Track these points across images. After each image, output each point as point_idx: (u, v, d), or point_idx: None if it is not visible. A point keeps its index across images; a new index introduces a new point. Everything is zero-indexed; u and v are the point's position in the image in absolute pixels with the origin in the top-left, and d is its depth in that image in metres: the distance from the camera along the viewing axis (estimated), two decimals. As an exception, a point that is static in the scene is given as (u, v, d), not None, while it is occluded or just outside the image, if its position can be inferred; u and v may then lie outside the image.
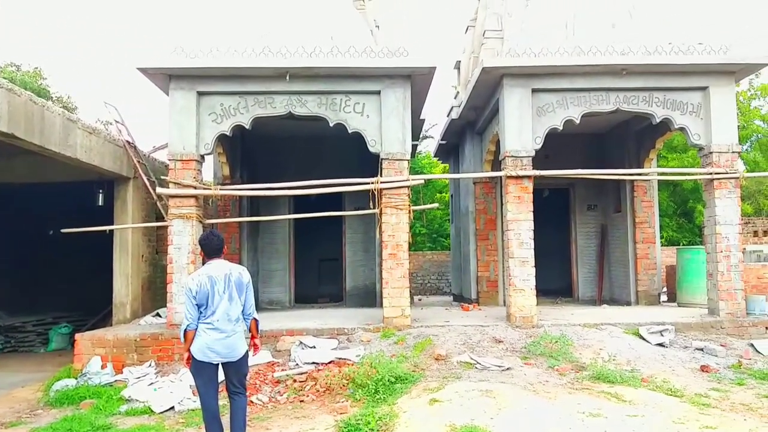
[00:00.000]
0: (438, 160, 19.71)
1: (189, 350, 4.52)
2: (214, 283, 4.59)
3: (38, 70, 19.87)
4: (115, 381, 7.45)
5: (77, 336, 8.23)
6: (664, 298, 12.06)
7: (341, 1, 9.54)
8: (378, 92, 8.75)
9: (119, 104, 10.52)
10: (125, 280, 10.16)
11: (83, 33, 54.79)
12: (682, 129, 9.17)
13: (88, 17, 56.39)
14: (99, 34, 55.09)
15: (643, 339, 8.01)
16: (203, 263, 4.81)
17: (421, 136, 16.50)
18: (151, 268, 10.79)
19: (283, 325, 8.68)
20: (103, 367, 7.77)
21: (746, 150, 21.06)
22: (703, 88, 9.09)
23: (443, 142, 14.02)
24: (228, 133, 8.75)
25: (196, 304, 4.54)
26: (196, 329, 4.53)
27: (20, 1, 47.86)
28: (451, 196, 15.22)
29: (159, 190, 8.94)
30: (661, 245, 13.28)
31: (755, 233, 17.83)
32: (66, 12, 55.68)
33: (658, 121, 9.21)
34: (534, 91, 8.99)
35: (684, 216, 20.50)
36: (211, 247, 4.75)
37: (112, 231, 10.01)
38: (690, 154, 18.49)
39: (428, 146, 25.22)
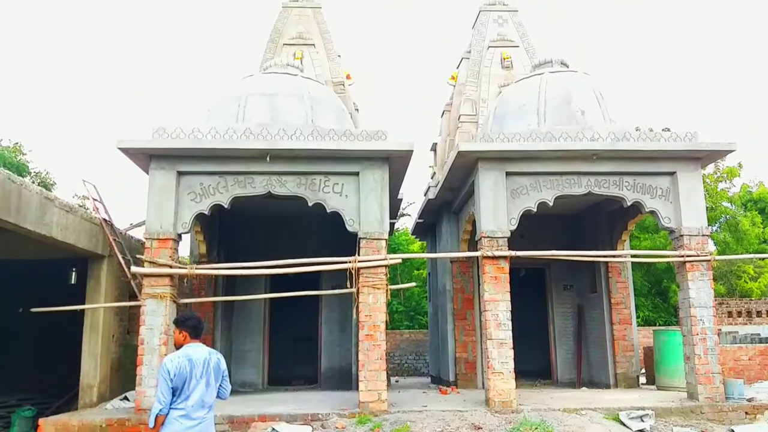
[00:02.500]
0: (415, 237, 19.85)
1: None
2: (193, 366, 4.41)
3: (18, 145, 19.93)
4: (76, 471, 7.05)
5: (41, 421, 7.86)
6: (642, 380, 11.97)
7: (322, 87, 9.84)
8: (357, 173, 8.90)
9: (97, 180, 10.56)
10: (94, 361, 9.82)
11: (65, 109, 55.43)
12: (652, 212, 9.42)
13: (71, 94, 57.23)
14: (80, 111, 55.76)
15: (624, 425, 7.87)
16: (176, 346, 4.67)
17: (398, 214, 16.69)
18: (121, 349, 10.47)
19: (255, 409, 8.39)
20: (64, 455, 7.37)
21: (716, 231, 21.62)
22: (671, 173, 9.40)
23: (420, 220, 14.20)
24: (206, 213, 8.77)
25: (172, 387, 4.33)
26: (167, 415, 4.34)
27: (2, 76, 48.55)
28: (429, 273, 15.24)
29: (134, 269, 8.82)
30: (638, 325, 13.32)
31: (729, 314, 18.02)
32: (49, 89, 56.51)
33: (629, 204, 9.46)
34: (508, 174, 9.23)
35: (659, 295, 20.71)
36: (198, 328, 4.61)
37: (82, 310, 9.77)
38: (662, 235, 18.90)
39: (406, 223, 25.48)
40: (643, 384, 11.68)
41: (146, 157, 8.67)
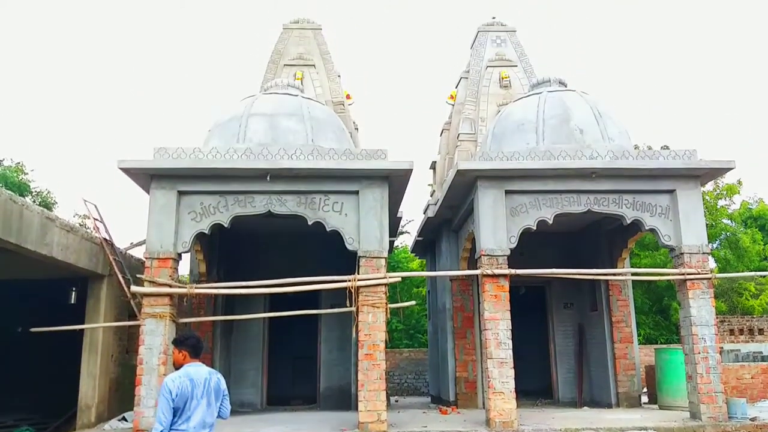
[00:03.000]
0: (415, 255, 19.83)
1: None
2: (194, 386, 4.35)
3: (20, 165, 20.02)
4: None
5: (37, 442, 7.80)
6: (644, 399, 11.89)
7: (322, 107, 9.91)
8: (356, 192, 8.94)
9: (98, 198, 10.58)
10: (92, 381, 9.77)
11: (67, 128, 55.73)
12: (652, 230, 9.43)
13: (73, 113, 57.59)
14: (82, 130, 56.06)
15: (626, 444, 7.82)
16: (175, 366, 4.65)
17: (398, 232, 16.71)
18: (120, 369, 10.42)
19: (254, 430, 8.38)
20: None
21: (716, 248, 21.58)
22: (671, 191, 9.42)
23: (420, 238, 14.20)
24: (207, 232, 8.79)
25: (173, 408, 4.26)
26: None
27: (4, 96, 48.89)
28: (428, 292, 15.20)
29: (134, 288, 8.82)
30: (639, 343, 13.25)
31: (731, 332, 17.92)
32: (51, 108, 56.88)
33: (628, 222, 9.48)
34: (507, 192, 9.26)
35: (660, 313, 20.61)
36: (197, 347, 4.58)
37: (81, 329, 9.75)
38: (662, 252, 18.86)
39: (405, 241, 25.46)
40: (645, 403, 11.60)
41: (147, 177, 8.72)
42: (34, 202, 18.64)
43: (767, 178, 45.37)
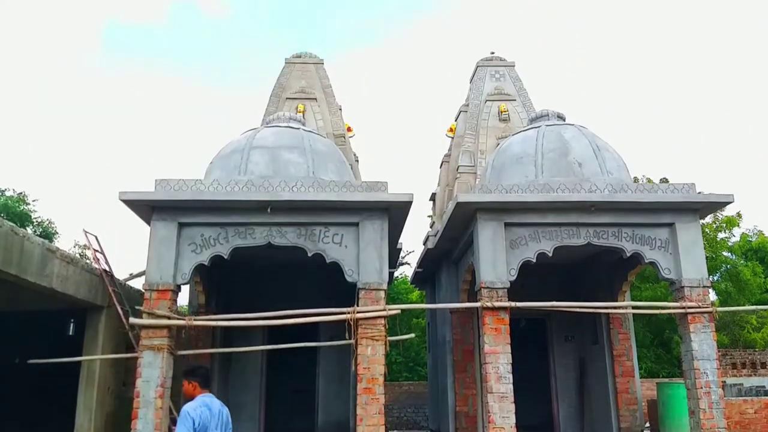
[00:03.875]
0: (415, 287, 19.75)
1: None
2: (212, 416, 4.40)
3: (22, 195, 20.11)
4: None
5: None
6: (647, 434, 11.75)
7: (323, 139, 10.01)
8: (356, 224, 8.96)
9: (99, 228, 10.60)
10: (88, 414, 9.64)
11: (70, 158, 56.12)
12: (652, 263, 9.42)
13: (76, 144, 58.06)
14: (85, 161, 56.45)
15: (628, 481, 7.70)
16: (186, 397, 4.60)
17: (397, 263, 16.69)
18: (117, 402, 10.30)
19: (252, 465, 8.22)
20: None
21: (717, 280, 21.53)
22: (670, 224, 9.43)
23: (420, 270, 14.18)
24: (207, 264, 8.80)
25: None
26: None
27: (8, 126, 49.35)
28: (428, 323, 15.11)
29: (132, 320, 8.79)
30: (641, 377, 13.15)
31: (733, 365, 17.78)
32: (54, 139, 57.37)
33: (628, 255, 9.48)
34: (507, 224, 9.28)
35: (662, 346, 20.47)
36: (207, 377, 4.61)
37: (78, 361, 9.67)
38: (663, 284, 18.81)
39: (405, 271, 25.42)
40: (648, 439, 11.46)
41: (148, 209, 8.76)
42: (35, 232, 18.68)
43: (767, 209, 45.47)
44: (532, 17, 65.74)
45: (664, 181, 20.36)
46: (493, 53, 14.38)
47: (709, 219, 22.27)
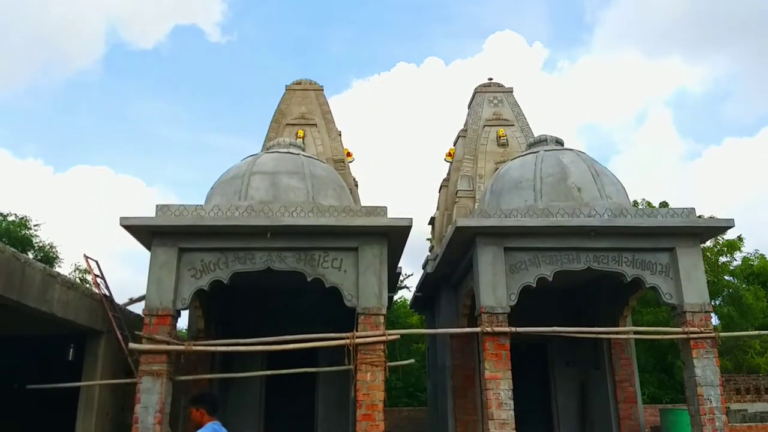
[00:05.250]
0: (414, 311, 19.66)
1: None
2: None
3: (24, 219, 20.13)
4: None
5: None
6: (651, 461, 11.59)
7: (323, 165, 10.07)
8: (356, 248, 8.98)
9: (99, 252, 10.62)
10: (86, 440, 9.57)
11: (72, 184, 56.36)
12: (653, 288, 9.39)
13: (79, 170, 58.34)
14: (87, 186, 56.68)
15: None
16: (195, 424, 4.59)
17: (397, 286, 16.64)
18: (115, 428, 10.21)
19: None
20: None
21: (719, 304, 21.39)
22: (670, 249, 9.42)
23: (419, 294, 14.15)
24: (206, 289, 8.81)
25: None
26: None
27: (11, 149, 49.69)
28: (428, 348, 15.01)
29: (132, 345, 8.76)
30: (643, 402, 13.01)
31: (737, 391, 17.57)
32: (57, 164, 57.68)
33: (629, 280, 9.45)
34: (507, 249, 9.29)
35: (664, 371, 20.25)
36: (214, 404, 4.60)
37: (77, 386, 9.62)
38: (664, 309, 18.68)
39: (404, 295, 25.30)
40: (651, 466, 11.30)
41: (149, 234, 8.80)
42: (36, 256, 18.69)
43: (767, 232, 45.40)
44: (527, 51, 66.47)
45: (664, 205, 20.37)
46: (491, 79, 14.55)
47: (710, 243, 22.22)
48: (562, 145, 11.23)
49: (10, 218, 20.10)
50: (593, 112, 67.94)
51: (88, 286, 10.19)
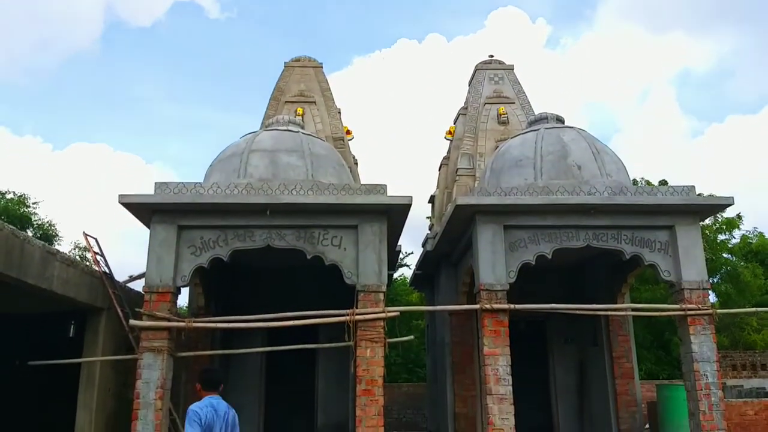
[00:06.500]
0: (414, 289, 19.75)
1: None
2: (216, 417, 4.51)
3: (23, 197, 20.11)
4: None
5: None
6: (647, 436, 11.75)
7: (322, 143, 10.02)
8: (355, 226, 8.97)
9: (99, 230, 10.63)
10: (88, 415, 9.66)
11: (71, 161, 56.17)
12: (652, 265, 9.42)
13: (78, 147, 58.11)
14: (86, 163, 56.50)
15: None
16: (198, 396, 4.69)
17: (397, 265, 16.70)
18: (117, 403, 10.32)
19: (251, 467, 8.23)
20: None
21: (717, 282, 21.50)
22: (670, 227, 9.42)
23: (419, 272, 14.19)
24: (206, 266, 8.82)
25: None
26: None
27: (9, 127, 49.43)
28: (427, 325, 15.11)
29: (132, 322, 8.81)
30: (640, 379, 13.13)
31: (734, 367, 17.76)
32: (56, 141, 57.42)
33: (627, 257, 9.48)
34: (506, 227, 9.30)
35: (661, 348, 20.44)
36: (215, 381, 4.75)
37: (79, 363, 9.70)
38: (662, 286, 18.78)
39: (404, 273, 25.43)
40: (647, 441, 11.46)
41: (148, 212, 8.79)
42: (35, 234, 18.70)
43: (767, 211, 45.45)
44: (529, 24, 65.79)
45: (664, 183, 20.37)
46: (492, 56, 14.41)
47: (709, 221, 22.26)
48: (563, 123, 11.18)
49: (9, 196, 20.08)
50: (596, 89, 67.53)
51: (87, 263, 10.19)
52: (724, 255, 22.54)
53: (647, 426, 12.22)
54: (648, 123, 62.41)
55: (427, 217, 14.52)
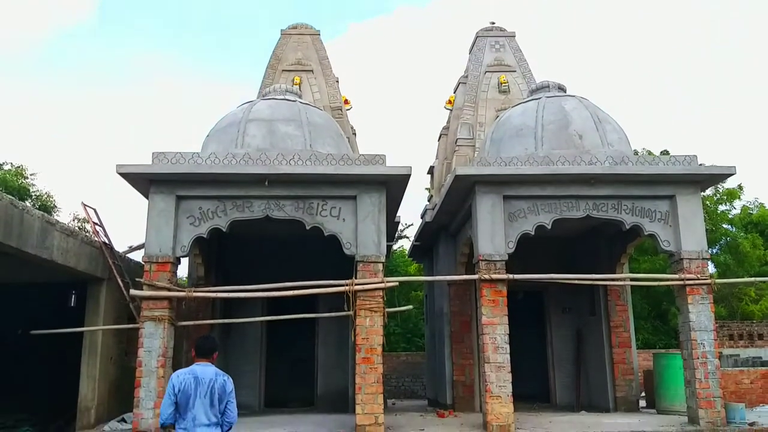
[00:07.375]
0: (413, 260, 19.81)
1: None
2: (198, 384, 4.53)
3: (21, 168, 20.04)
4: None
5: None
6: (642, 403, 11.88)
7: (320, 112, 9.92)
8: (354, 197, 8.95)
9: (98, 201, 10.62)
10: (92, 383, 9.81)
11: (68, 131, 55.89)
12: (651, 236, 9.42)
13: (75, 117, 57.76)
14: (83, 133, 56.21)
15: (622, 449, 7.82)
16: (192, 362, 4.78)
17: (396, 236, 16.71)
18: (119, 371, 10.45)
19: (252, 433, 8.36)
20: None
21: (716, 253, 21.56)
22: (671, 197, 9.40)
23: (418, 243, 14.20)
24: (205, 236, 8.83)
25: (175, 402, 4.46)
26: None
27: (5, 99, 49.05)
28: (426, 296, 15.18)
29: (133, 292, 8.86)
30: (637, 348, 13.26)
31: (731, 337, 17.92)
32: (53, 111, 57.05)
33: (627, 227, 9.47)
34: (506, 197, 9.27)
35: (659, 318, 20.61)
36: (203, 348, 4.76)
37: (81, 332, 9.79)
38: (661, 257, 18.84)
39: (403, 244, 25.48)
40: (643, 407, 11.60)
41: (146, 182, 8.75)
42: (33, 205, 18.67)
43: (768, 182, 45.36)
44: (534, -14, 64.74)
45: (665, 153, 20.27)
46: (493, 23, 14.18)
47: (709, 191, 22.22)
48: (565, 91, 11.05)
49: (6, 167, 20.01)
50: (597, 56, 66.72)
51: (87, 234, 10.19)
52: (724, 226, 22.56)
53: (643, 393, 12.36)
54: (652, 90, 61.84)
55: (427, 189, 14.48)
